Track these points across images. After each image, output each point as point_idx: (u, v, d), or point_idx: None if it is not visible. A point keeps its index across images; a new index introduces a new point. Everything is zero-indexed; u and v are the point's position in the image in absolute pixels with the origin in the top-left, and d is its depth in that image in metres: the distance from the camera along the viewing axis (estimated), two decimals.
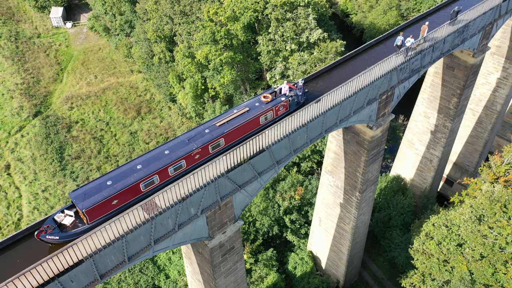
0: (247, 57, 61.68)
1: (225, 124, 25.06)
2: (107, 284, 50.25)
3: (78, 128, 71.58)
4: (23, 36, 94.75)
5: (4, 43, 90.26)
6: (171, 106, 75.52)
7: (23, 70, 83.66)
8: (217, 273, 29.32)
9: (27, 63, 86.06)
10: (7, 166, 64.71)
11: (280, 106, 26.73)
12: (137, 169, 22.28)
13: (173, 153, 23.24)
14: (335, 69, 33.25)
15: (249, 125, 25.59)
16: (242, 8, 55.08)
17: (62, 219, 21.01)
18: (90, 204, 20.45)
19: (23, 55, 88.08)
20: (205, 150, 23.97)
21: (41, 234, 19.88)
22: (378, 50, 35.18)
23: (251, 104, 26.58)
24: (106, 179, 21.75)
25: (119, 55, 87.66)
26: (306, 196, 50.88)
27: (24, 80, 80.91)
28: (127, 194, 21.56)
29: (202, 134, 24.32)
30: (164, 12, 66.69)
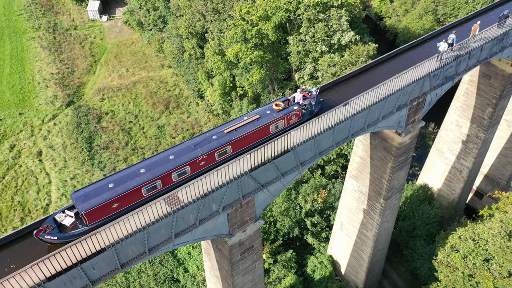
0: (277, 57, 61.52)
1: (233, 131, 24.32)
2: (127, 274, 51.21)
3: (108, 119, 73.24)
4: (61, 27, 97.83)
5: (42, 34, 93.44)
6: (199, 102, 76.22)
7: (59, 60, 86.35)
8: (235, 270, 29.36)
9: (63, 53, 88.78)
10: (39, 153, 66.90)
11: (292, 115, 25.88)
12: (140, 173, 21.79)
13: (178, 159, 22.61)
14: (364, 73, 32.69)
15: (258, 134, 24.81)
16: (274, 8, 54.94)
17: (62, 219, 20.74)
18: (89, 206, 20.12)
19: (60, 46, 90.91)
20: (211, 157, 23.34)
21: (39, 233, 19.72)
22: (411, 55, 34.38)
23: (262, 111, 25.80)
24: (108, 182, 21.37)
25: (151, 50, 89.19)
26: (329, 200, 50.30)
27: (60, 70, 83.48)
28: (128, 198, 21.15)
29: (209, 140, 23.69)
30: (197, 9, 67.35)
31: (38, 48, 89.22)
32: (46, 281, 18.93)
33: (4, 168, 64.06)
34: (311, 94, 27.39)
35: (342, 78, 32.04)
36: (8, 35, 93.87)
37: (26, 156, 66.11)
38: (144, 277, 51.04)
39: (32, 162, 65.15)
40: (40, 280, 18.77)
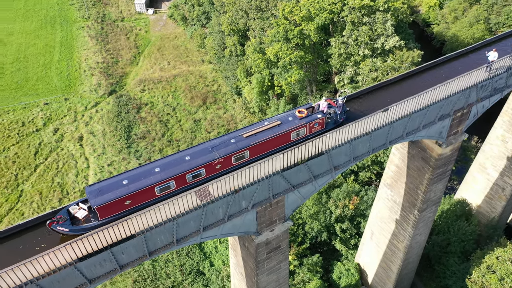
0: (317, 58, 60.87)
1: (252, 136, 23.80)
2: (154, 262, 52.32)
3: (147, 110, 75.04)
4: (109, 18, 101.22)
5: (91, 24, 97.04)
6: (236, 99, 76.69)
7: (105, 50, 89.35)
8: (260, 269, 29.28)
9: (109, 44, 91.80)
10: (80, 138, 69.49)
11: (315, 123, 25.10)
12: (155, 172, 21.63)
13: (193, 160, 22.28)
14: (407, 80, 31.68)
15: (278, 140, 24.24)
16: (318, 9, 54.35)
17: (76, 211, 20.90)
18: (102, 201, 20.13)
19: (106, 36, 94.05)
20: (228, 160, 22.94)
21: (52, 224, 20.02)
22: (458, 64, 32.99)
23: (284, 118, 25.14)
24: (123, 178, 21.31)
25: (192, 45, 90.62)
26: (360, 207, 49.28)
27: (105, 59, 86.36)
28: (141, 196, 21.07)
29: (227, 143, 23.27)
30: (240, 6, 67.72)
31: (86, 37, 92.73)
32: (77, 261, 19.58)
33: (47, 150, 67.01)
34: (337, 103, 26.46)
35: (383, 83, 31.20)
36: (60, 24, 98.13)
37: (68, 140, 68.85)
38: (170, 267, 51.96)
39: (73, 146, 67.77)
40: (72, 259, 19.44)
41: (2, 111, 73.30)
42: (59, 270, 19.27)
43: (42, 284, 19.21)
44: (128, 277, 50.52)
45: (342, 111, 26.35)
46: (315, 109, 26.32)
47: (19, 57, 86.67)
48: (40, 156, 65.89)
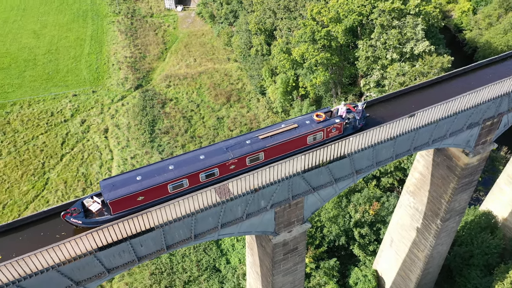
0: (344, 61, 60.21)
1: (268, 138, 23.67)
2: (172, 256, 52.91)
3: (172, 105, 75.94)
4: (139, 14, 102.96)
5: (121, 19, 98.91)
6: (260, 98, 76.70)
7: (133, 45, 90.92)
8: (276, 269, 29.19)
9: (137, 39, 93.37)
10: (106, 130, 70.94)
11: (333, 128, 24.77)
12: (168, 169, 21.68)
13: (208, 160, 22.25)
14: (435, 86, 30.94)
15: (294, 143, 24.04)
16: (347, 11, 53.73)
17: (90, 204, 21.22)
18: (115, 196, 20.34)
19: (136, 32, 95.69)
20: (242, 161, 22.89)
21: (66, 215, 20.42)
22: (490, 71, 32.01)
23: (302, 121, 24.89)
24: (137, 174, 21.45)
25: (219, 42, 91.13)
26: (381, 213, 48.50)
27: (133, 54, 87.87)
28: (154, 192, 21.16)
29: (242, 144, 23.19)
30: (268, 6, 67.66)
31: (116, 32, 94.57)
32: (97, 250, 19.97)
33: (74, 140, 68.69)
34: (356, 108, 26.04)
35: (411, 88, 30.58)
36: (91, 18, 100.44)
37: (94, 132, 70.39)
38: (187, 262, 52.44)
39: (98, 138, 69.24)
40: (92, 248, 19.85)
41: (33, 101, 75.58)
42: (80, 258, 19.71)
43: (63, 270, 19.69)
44: (146, 269, 51.27)
45: (362, 116, 25.89)
46: (333, 113, 25.97)
47: (51, 49, 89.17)
48: (66, 146, 67.61)
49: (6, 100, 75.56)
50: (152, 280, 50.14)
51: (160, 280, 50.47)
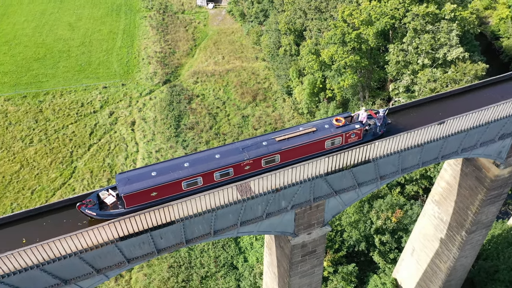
0: (373, 64, 59.28)
1: (285, 140, 23.47)
2: (190, 250, 53.45)
3: (198, 101, 76.65)
4: (170, 10, 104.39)
5: (153, 14, 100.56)
6: (286, 99, 76.47)
7: (164, 40, 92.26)
8: (293, 271, 29.04)
9: (168, 34, 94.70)
10: (133, 123, 72.28)
11: (352, 133, 24.36)
12: (183, 166, 21.80)
13: (223, 159, 22.32)
14: (467, 94, 30.05)
15: (311, 147, 23.78)
16: (379, 13, 52.85)
17: (105, 197, 21.52)
18: (129, 190, 20.65)
19: (166, 27, 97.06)
20: (257, 163, 22.82)
21: (81, 206, 20.79)
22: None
23: (320, 125, 24.53)
24: (152, 170, 21.68)
25: (248, 41, 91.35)
26: (403, 221, 47.52)
27: (163, 49, 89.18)
28: (168, 189, 21.35)
29: (258, 146, 23.09)
30: (299, 6, 67.32)
31: (148, 27, 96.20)
32: (119, 240, 20.35)
33: (101, 131, 70.32)
34: (377, 114, 25.53)
35: (442, 95, 29.81)
36: (124, 12, 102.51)
37: (121, 124, 71.84)
38: (205, 257, 52.86)
39: (125, 130, 70.62)
40: (114, 238, 20.24)
41: (65, 91, 77.79)
42: (101, 246, 20.13)
43: (85, 257, 20.16)
44: (164, 261, 51.98)
45: (383, 123, 25.37)
46: (354, 118, 25.54)
47: (85, 42, 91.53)
48: (94, 137, 69.27)
49: (40, 89, 78.08)
50: (170, 273, 50.78)
51: (178, 273, 51.05)
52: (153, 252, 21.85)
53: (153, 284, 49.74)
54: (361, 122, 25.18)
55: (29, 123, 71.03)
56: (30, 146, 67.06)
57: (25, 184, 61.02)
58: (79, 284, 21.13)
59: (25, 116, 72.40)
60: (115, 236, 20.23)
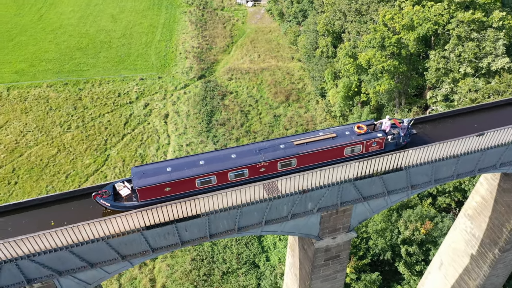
0: (412, 70, 57.70)
1: (303, 144, 23.13)
2: (214, 245, 53.91)
3: (231, 98, 77.14)
4: (210, 6, 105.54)
5: (193, 10, 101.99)
6: (319, 100, 75.75)
7: (202, 36, 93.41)
8: (315, 274, 28.73)
9: (206, 30, 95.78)
10: (166, 115, 73.62)
11: (374, 142, 23.71)
12: (199, 164, 21.89)
13: (239, 159, 22.22)
14: (508, 107, 28.72)
15: (330, 153, 23.31)
16: (422, 18, 51.33)
17: (120, 188, 21.85)
18: (143, 184, 20.86)
19: (205, 23, 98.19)
20: (273, 165, 22.58)
21: (97, 196, 21.18)
22: None
23: (341, 131, 24.01)
24: (168, 165, 21.81)
25: (285, 41, 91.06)
26: (433, 233, 46.08)
27: (200, 45, 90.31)
28: (181, 185, 21.43)
29: (275, 148, 22.87)
30: (339, 7, 66.42)
31: (187, 22, 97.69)
32: (145, 229, 20.75)
33: (136, 122, 72.03)
34: (402, 124, 24.73)
35: (482, 106, 28.64)
36: (165, 7, 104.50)
37: (155, 116, 73.31)
38: (228, 253, 53.18)
39: (158, 122, 72.03)
40: (140, 226, 20.65)
41: (103, 81, 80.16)
42: (128, 233, 20.58)
43: (112, 243, 20.66)
44: (188, 254, 52.69)
45: (407, 133, 24.64)
46: (377, 127, 24.93)
47: (126, 34, 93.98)
48: (128, 127, 71.04)
49: (80, 78, 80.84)
50: (192, 266, 51.43)
51: (200, 267, 51.63)
52: (177, 243, 22.13)
53: (175, 275, 50.52)
54: (384, 131, 24.57)
55: (68, 110, 73.70)
56: (68, 132, 69.57)
57: (60, 168, 63.38)
58: (104, 269, 21.70)
59: (65, 103, 75.17)
60: (141, 225, 20.63)
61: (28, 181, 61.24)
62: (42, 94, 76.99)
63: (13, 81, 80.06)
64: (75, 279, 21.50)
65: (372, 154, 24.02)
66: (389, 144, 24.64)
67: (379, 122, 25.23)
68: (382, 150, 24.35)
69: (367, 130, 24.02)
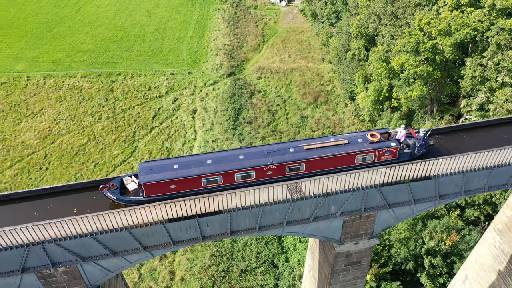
0: (446, 77, 56.10)
1: (313, 149, 22.77)
2: (234, 242, 54.11)
3: (259, 97, 77.16)
4: (243, 5, 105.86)
5: (226, 7, 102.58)
6: (348, 103, 74.77)
7: (233, 34, 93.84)
8: (334, 279, 28.37)
9: (238, 28, 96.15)
10: (194, 111, 74.38)
11: (387, 151, 23.16)
12: (206, 163, 21.89)
13: (246, 161, 22.07)
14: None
15: (340, 160, 22.90)
16: (460, 24, 49.80)
17: (128, 183, 22.06)
18: (149, 179, 21.02)
19: (237, 21, 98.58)
20: (281, 169, 22.34)
21: (104, 189, 21.50)
22: None
23: (353, 138, 23.54)
24: (174, 162, 21.88)
25: (316, 42, 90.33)
26: (459, 246, 44.70)
27: (231, 42, 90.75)
28: (187, 183, 21.49)
29: (284, 152, 22.59)
30: (374, 10, 65.30)
31: (220, 19, 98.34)
32: (167, 221, 21.00)
33: (164, 116, 73.12)
34: (418, 134, 24.03)
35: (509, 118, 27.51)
36: (199, 3, 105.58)
37: (183, 111, 74.20)
38: (247, 251, 53.27)
39: (186, 117, 72.88)
40: (163, 218, 20.92)
41: (135, 74, 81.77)
42: (151, 224, 20.89)
43: (134, 233, 21.02)
44: (208, 249, 53.10)
45: (423, 144, 23.93)
46: (391, 135, 24.36)
47: (159, 28, 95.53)
48: (157, 120, 72.19)
49: (113, 70, 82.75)
50: (211, 261, 51.79)
51: (219, 263, 51.94)
52: (198, 238, 22.30)
53: (194, 269, 51.02)
54: (398, 140, 23.99)
55: (100, 101, 75.58)
56: (98, 122, 71.34)
57: (89, 157, 65.09)
58: (126, 258, 22.12)
59: (97, 94, 77.13)
60: (164, 217, 20.89)
61: (58, 167, 63.20)
62: (76, 84, 79.26)
63: (49, 70, 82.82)
64: (98, 266, 22.01)
65: (385, 164, 23.55)
66: (403, 154, 24.10)
67: (394, 131, 24.73)
68: (395, 160, 23.84)
69: (380, 138, 23.54)
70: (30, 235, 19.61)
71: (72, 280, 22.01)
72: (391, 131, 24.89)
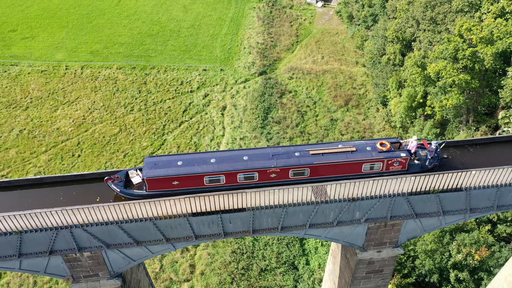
0: (485, 87, 54.11)
1: (319, 155, 22.31)
2: (255, 241, 54.17)
3: (289, 97, 76.84)
4: (279, 4, 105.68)
5: (262, 6, 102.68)
6: (380, 108, 73.35)
7: (267, 33, 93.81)
8: (354, 286, 27.91)
9: (272, 27, 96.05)
10: (224, 107, 74.88)
11: (396, 161, 22.50)
12: (209, 162, 21.84)
13: (250, 162, 21.89)
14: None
15: (346, 167, 22.37)
16: (504, 32, 47.90)
17: (133, 176, 22.22)
18: (152, 174, 21.15)
19: (272, 20, 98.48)
20: (285, 172, 22.00)
21: (109, 180, 21.74)
22: None
23: (362, 146, 22.95)
24: (178, 159, 21.92)
25: (351, 44, 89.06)
26: (488, 262, 43.06)
27: (265, 41, 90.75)
28: (189, 181, 21.50)
29: (289, 155, 22.25)
30: (413, 14, 63.74)
31: (255, 18, 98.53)
32: (191, 215, 21.22)
33: (194, 111, 73.99)
34: (430, 146, 23.27)
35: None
36: (236, 1, 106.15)
37: (213, 107, 74.82)
38: (268, 251, 53.20)
39: (215, 113, 73.46)
40: (187, 212, 21.15)
41: (168, 68, 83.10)
42: (174, 217, 21.16)
43: (158, 224, 21.36)
44: (229, 246, 53.38)
45: (435, 156, 23.19)
46: (402, 145, 23.66)
47: (194, 24, 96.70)
48: (187, 115, 73.13)
49: (147, 63, 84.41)
50: (232, 258, 52.04)
51: (239, 260, 52.12)
52: (220, 233, 22.43)
53: (214, 265, 51.42)
54: (409, 151, 23.32)
55: (133, 93, 77.27)
56: (130, 114, 72.96)
57: (120, 147, 66.68)
58: (149, 248, 22.52)
59: (131, 86, 78.88)
60: (188, 211, 21.11)
61: (90, 155, 65.07)
62: (112, 75, 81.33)
63: (87, 60, 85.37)
64: (121, 254, 22.50)
65: (393, 174, 22.95)
66: (414, 165, 23.45)
67: (405, 141, 24.10)
68: (404, 171, 23.19)
69: (390, 147, 22.91)
70: (59, 218, 20.26)
71: (96, 265, 22.60)
72: (402, 141, 24.26)
